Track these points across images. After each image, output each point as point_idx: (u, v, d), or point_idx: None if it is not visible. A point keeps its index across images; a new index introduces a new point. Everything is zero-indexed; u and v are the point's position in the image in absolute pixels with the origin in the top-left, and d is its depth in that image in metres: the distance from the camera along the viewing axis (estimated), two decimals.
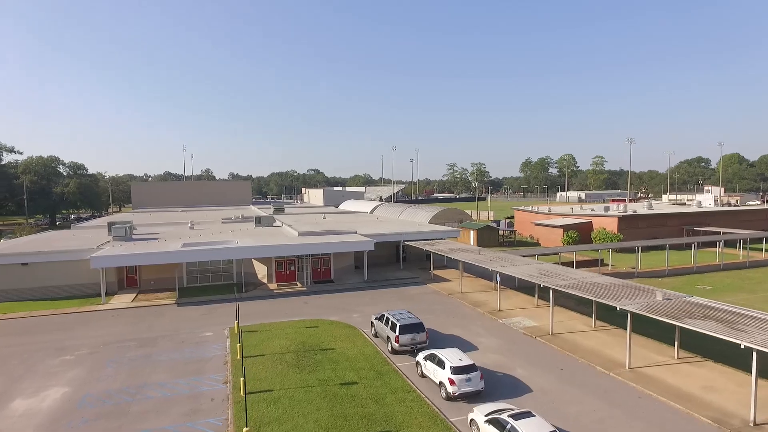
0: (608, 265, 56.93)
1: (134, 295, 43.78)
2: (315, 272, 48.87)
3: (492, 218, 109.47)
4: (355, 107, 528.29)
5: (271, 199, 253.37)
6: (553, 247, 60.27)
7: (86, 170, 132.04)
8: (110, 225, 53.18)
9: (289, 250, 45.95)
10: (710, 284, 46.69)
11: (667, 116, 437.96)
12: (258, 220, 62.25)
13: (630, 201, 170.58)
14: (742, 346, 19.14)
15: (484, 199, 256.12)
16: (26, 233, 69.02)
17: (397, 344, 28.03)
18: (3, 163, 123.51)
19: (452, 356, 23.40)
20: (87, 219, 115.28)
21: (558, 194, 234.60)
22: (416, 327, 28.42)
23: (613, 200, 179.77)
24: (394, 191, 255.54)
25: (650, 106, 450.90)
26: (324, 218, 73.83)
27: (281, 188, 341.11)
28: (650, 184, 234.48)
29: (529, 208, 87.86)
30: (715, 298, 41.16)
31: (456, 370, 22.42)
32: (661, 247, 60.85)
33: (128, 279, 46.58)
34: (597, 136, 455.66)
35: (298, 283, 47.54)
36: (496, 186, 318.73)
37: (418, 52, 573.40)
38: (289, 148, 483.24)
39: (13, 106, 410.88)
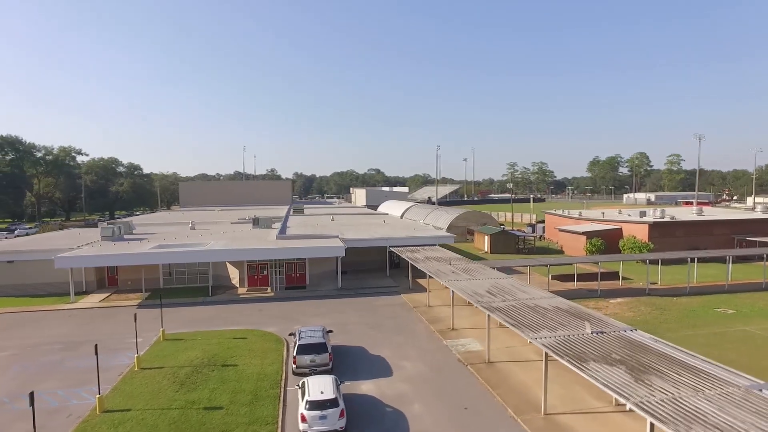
0: (626, 278, 50.00)
1: (108, 294, 44.57)
2: (289, 277, 47.19)
3: (533, 221, 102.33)
4: (419, 105, 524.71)
5: (321, 198, 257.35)
6: (558, 257, 54.22)
7: (141, 170, 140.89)
8: (111, 224, 55.05)
9: (257, 254, 44.66)
10: (736, 307, 39.10)
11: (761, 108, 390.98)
12: (256, 222, 61.82)
13: (709, 204, 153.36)
14: (627, 408, 14.57)
15: (543, 200, 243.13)
16: (48, 230, 74.26)
17: (294, 365, 25.42)
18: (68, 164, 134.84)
19: (315, 387, 20.43)
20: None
21: (625, 196, 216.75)
22: (317, 347, 25.61)
23: (686, 203, 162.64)
24: (447, 191, 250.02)
25: (740, 98, 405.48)
26: (332, 220, 72.29)
27: (340, 188, 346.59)
28: (735, 185, 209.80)
29: (560, 212, 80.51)
30: (734, 324, 34.51)
31: (311, 405, 19.45)
32: (710, 260, 53.01)
33: (110, 279, 47.63)
34: (676, 134, 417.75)
35: (268, 289, 46.11)
36: (560, 186, 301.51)
37: (486, 49, 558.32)
38: (354, 147, 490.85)
39: (97, 110, 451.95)
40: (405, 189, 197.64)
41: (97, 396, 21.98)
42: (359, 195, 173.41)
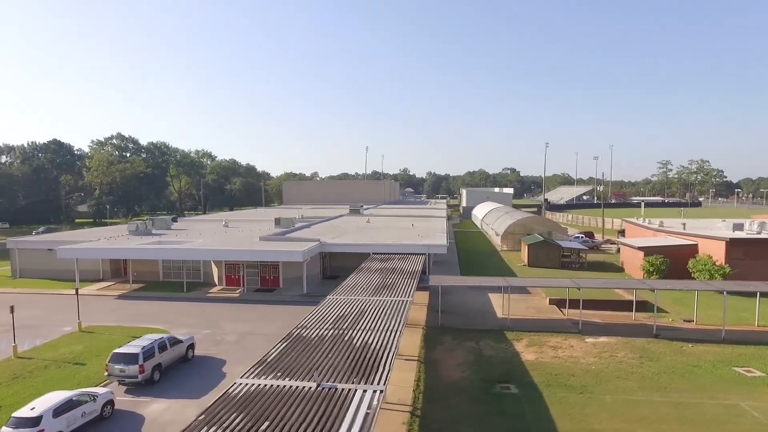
0: (660, 311, 38.36)
1: (111, 284, 49.52)
2: (263, 279, 46.92)
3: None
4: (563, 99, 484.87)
5: (423, 198, 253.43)
6: (600, 276, 43.98)
7: (256, 170, 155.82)
8: (150, 220, 61.48)
9: (221, 254, 45.57)
10: None
11: None
12: (277, 222, 62.98)
13: None
14: None
15: (699, 204, 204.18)
16: (123, 222, 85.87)
17: (106, 373, 24.65)
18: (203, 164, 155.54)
19: (37, 402, 19.30)
20: None
21: None
22: (129, 358, 24.39)
23: None
24: (577, 193, 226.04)
25: None
26: (368, 222, 70.37)
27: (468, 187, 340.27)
28: None
29: (639, 221, 65.68)
30: (732, 395, 24.61)
31: (9, 422, 18.43)
32: None
33: (124, 269, 52.96)
34: None
35: (239, 289, 46.39)
36: (730, 189, 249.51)
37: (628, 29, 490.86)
38: (489, 146, 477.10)
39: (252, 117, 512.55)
40: (510, 191, 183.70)
41: None
42: (463, 196, 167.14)
